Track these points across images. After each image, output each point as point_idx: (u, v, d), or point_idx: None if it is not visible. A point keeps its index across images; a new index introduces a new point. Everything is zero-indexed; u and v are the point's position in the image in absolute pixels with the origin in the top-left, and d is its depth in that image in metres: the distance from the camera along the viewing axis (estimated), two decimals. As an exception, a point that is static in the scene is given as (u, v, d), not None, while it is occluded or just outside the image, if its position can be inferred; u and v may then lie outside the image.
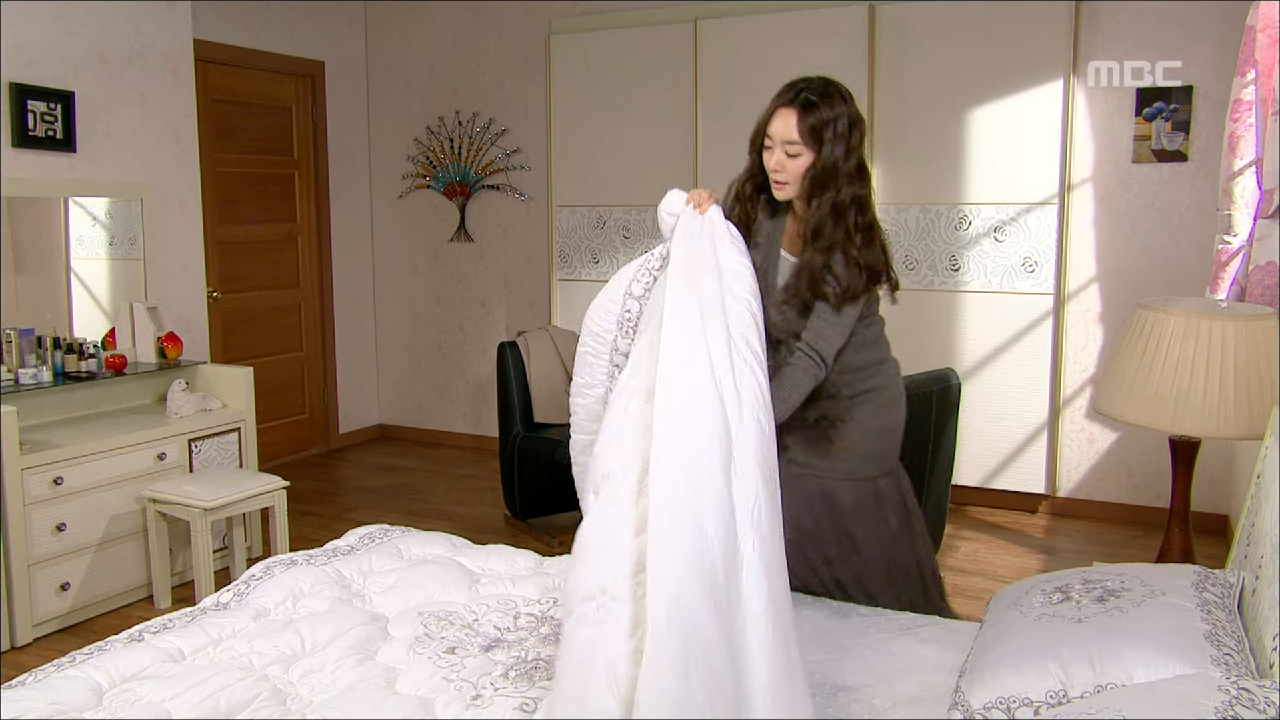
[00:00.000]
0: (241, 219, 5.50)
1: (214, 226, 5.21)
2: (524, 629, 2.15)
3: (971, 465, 4.79)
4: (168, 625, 2.19)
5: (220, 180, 5.32)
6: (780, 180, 2.28)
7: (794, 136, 2.22)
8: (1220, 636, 1.68)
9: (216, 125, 5.29)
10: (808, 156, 2.23)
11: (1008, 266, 4.65)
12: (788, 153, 2.24)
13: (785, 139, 2.24)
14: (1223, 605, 1.83)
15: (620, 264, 5.48)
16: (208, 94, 5.16)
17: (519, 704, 1.82)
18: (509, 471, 4.50)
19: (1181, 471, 2.60)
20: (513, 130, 5.84)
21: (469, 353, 6.17)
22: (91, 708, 1.85)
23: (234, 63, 5.34)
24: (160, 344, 4.20)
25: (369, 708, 1.82)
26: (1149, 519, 4.51)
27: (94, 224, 4.33)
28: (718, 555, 1.57)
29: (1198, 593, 1.84)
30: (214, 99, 5.25)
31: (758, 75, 5.07)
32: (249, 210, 5.56)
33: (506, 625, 2.18)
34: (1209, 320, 2.36)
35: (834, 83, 2.29)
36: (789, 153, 2.24)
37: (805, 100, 2.23)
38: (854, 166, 2.25)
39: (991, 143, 4.63)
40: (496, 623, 2.19)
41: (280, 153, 5.74)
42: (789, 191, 2.30)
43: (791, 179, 2.26)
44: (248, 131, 5.52)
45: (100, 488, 3.64)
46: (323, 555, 2.58)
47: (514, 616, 2.21)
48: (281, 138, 5.74)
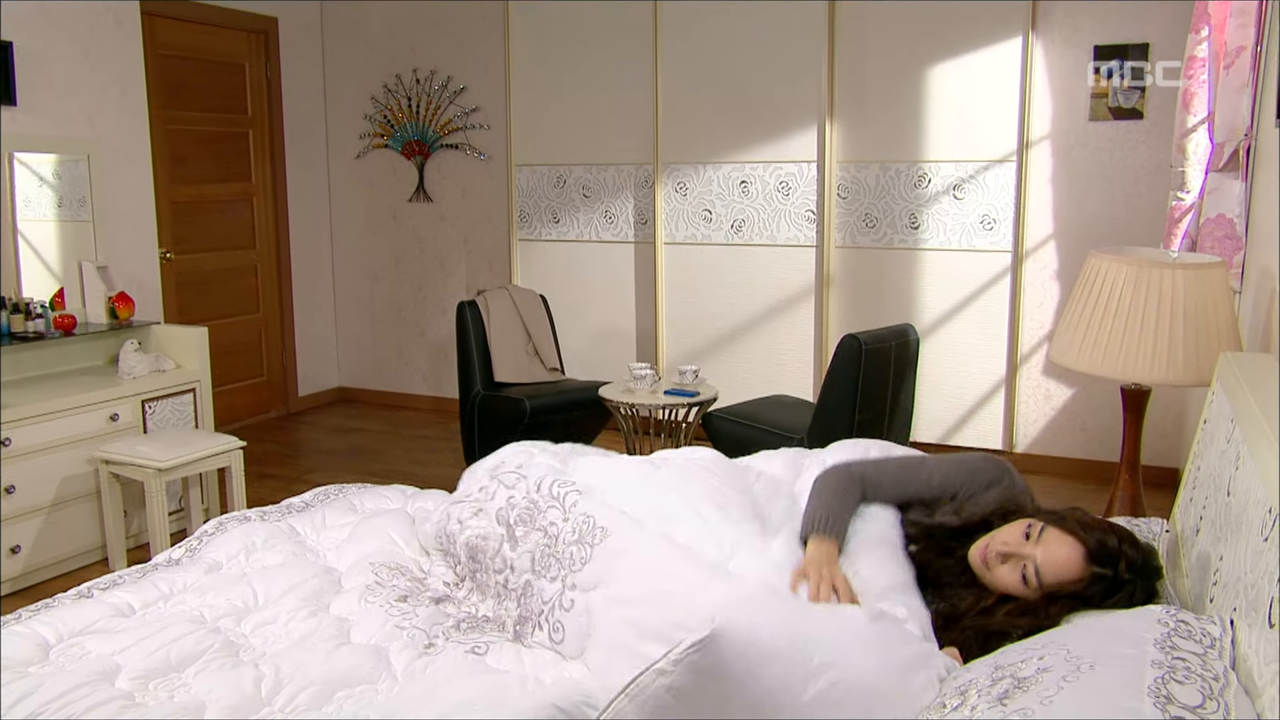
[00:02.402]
0: (195, 178, 5.39)
1: (166, 186, 5.10)
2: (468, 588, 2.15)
3: (930, 421, 4.84)
4: (118, 581, 2.16)
5: (172, 138, 5.20)
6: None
7: None
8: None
9: (167, 82, 5.16)
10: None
11: (966, 224, 4.67)
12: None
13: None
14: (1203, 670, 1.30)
15: (580, 223, 5.46)
16: (156, 50, 5.02)
17: (470, 648, 1.84)
18: (469, 430, 4.48)
19: (1131, 420, 2.64)
20: (471, 88, 5.76)
21: (429, 314, 6.11)
22: (38, 662, 1.82)
23: (183, 17, 5.20)
24: (111, 304, 4.12)
25: (321, 656, 1.81)
26: (1102, 473, 4.59)
27: (41, 184, 4.22)
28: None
29: (1161, 651, 1.32)
30: (163, 54, 5.11)
31: (719, 28, 5.04)
32: (202, 169, 5.44)
33: (452, 580, 2.17)
34: (1159, 269, 2.38)
35: None
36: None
37: None
38: None
39: (951, 100, 4.63)
40: (444, 578, 2.19)
41: (233, 110, 5.62)
42: None
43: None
44: (199, 89, 5.39)
45: (50, 449, 3.58)
46: (277, 512, 2.55)
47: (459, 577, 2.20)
48: (234, 95, 5.62)
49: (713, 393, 4.24)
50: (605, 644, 1.76)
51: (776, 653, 1.44)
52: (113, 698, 1.68)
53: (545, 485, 2.09)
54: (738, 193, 5.10)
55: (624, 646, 1.71)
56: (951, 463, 2.03)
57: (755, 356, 5.17)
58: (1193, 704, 1.19)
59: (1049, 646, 1.43)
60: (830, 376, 3.65)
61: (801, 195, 4.96)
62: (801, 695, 1.43)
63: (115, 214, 4.39)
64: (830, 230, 4.92)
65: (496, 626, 1.96)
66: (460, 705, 1.62)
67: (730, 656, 1.41)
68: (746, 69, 4.98)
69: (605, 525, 1.91)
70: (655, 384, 4.28)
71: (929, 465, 2.03)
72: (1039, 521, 1.75)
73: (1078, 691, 1.24)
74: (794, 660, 1.45)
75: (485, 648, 1.84)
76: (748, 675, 1.41)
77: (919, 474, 2.01)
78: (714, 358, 5.25)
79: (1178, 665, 1.27)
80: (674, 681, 1.41)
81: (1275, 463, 1.39)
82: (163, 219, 4.95)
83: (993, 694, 1.33)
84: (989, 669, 1.44)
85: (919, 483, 2.00)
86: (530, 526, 2.03)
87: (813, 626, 1.52)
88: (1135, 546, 1.71)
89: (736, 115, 5.04)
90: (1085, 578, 1.67)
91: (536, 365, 4.71)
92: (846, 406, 3.61)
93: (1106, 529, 1.73)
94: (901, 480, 2.01)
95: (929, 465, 2.03)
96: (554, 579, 1.91)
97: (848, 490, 1.94)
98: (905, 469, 2.03)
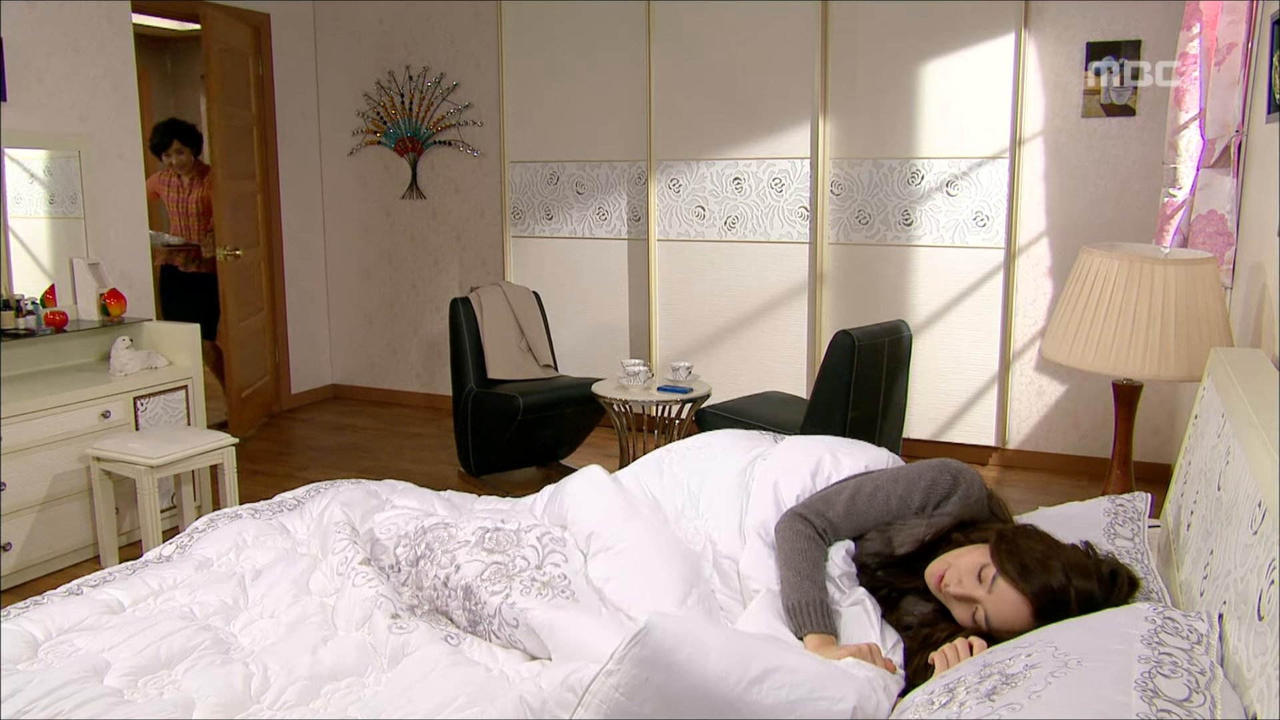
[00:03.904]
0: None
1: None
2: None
3: (923, 418, 4.84)
4: (107, 578, 2.16)
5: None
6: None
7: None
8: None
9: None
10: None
11: (959, 221, 4.68)
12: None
13: None
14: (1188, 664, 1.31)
15: (574, 220, 5.45)
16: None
17: (444, 637, 1.88)
18: (462, 428, 4.48)
19: (1123, 415, 2.65)
20: (464, 85, 5.75)
21: (422, 311, 6.11)
22: (27, 659, 1.82)
23: (175, 13, 5.18)
24: (103, 301, 4.11)
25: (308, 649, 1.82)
26: (1095, 469, 4.60)
27: (31, 181, 4.20)
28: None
29: (1149, 647, 1.33)
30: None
31: (712, 25, 5.03)
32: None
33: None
34: (1151, 265, 2.39)
35: None
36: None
37: None
38: None
39: (944, 97, 4.63)
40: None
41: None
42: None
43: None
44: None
45: (41, 446, 3.57)
46: (268, 509, 2.54)
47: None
48: (226, 91, 5.60)
49: (706, 389, 4.24)
50: (563, 652, 1.82)
51: (715, 645, 1.47)
52: (101, 695, 1.67)
53: (534, 533, 2.15)
54: (731, 189, 5.09)
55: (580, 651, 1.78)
56: (906, 483, 1.98)
57: (748, 353, 5.17)
58: (1179, 697, 1.19)
59: (1037, 644, 1.43)
60: (823, 373, 3.66)
61: (794, 192, 4.96)
62: (746, 675, 1.45)
63: (107, 209, 4.37)
64: (823, 227, 4.92)
65: (448, 618, 2.01)
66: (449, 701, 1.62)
67: (669, 644, 1.43)
68: (739, 66, 4.98)
69: (575, 591, 1.97)
70: (648, 381, 4.27)
71: (883, 492, 1.98)
72: (992, 567, 1.72)
73: (1065, 687, 1.24)
74: (733, 655, 1.47)
75: (458, 639, 1.88)
76: (689, 662, 1.43)
77: (874, 505, 1.98)
78: (707, 354, 5.25)
79: (1164, 660, 1.27)
80: (620, 680, 1.43)
81: (1265, 457, 1.40)
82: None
83: (981, 690, 1.33)
84: (977, 666, 1.44)
85: (877, 513, 1.97)
86: (500, 552, 2.07)
87: (750, 638, 1.58)
88: (1088, 577, 1.66)
89: (730, 112, 5.03)
90: (1033, 626, 1.64)
91: (530, 362, 4.71)
92: (839, 403, 3.61)
93: (1053, 569, 1.67)
94: (862, 516, 1.98)
95: (883, 492, 1.98)
96: (496, 593, 1.94)
97: (816, 563, 1.90)
98: (864, 502, 1.99)
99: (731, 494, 2.16)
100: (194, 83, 8.25)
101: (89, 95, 4.30)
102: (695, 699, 1.43)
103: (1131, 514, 2.10)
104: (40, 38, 4.08)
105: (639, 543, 2.06)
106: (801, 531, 1.94)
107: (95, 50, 4.30)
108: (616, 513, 2.15)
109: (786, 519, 1.99)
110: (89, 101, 4.30)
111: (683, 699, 1.43)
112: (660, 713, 1.43)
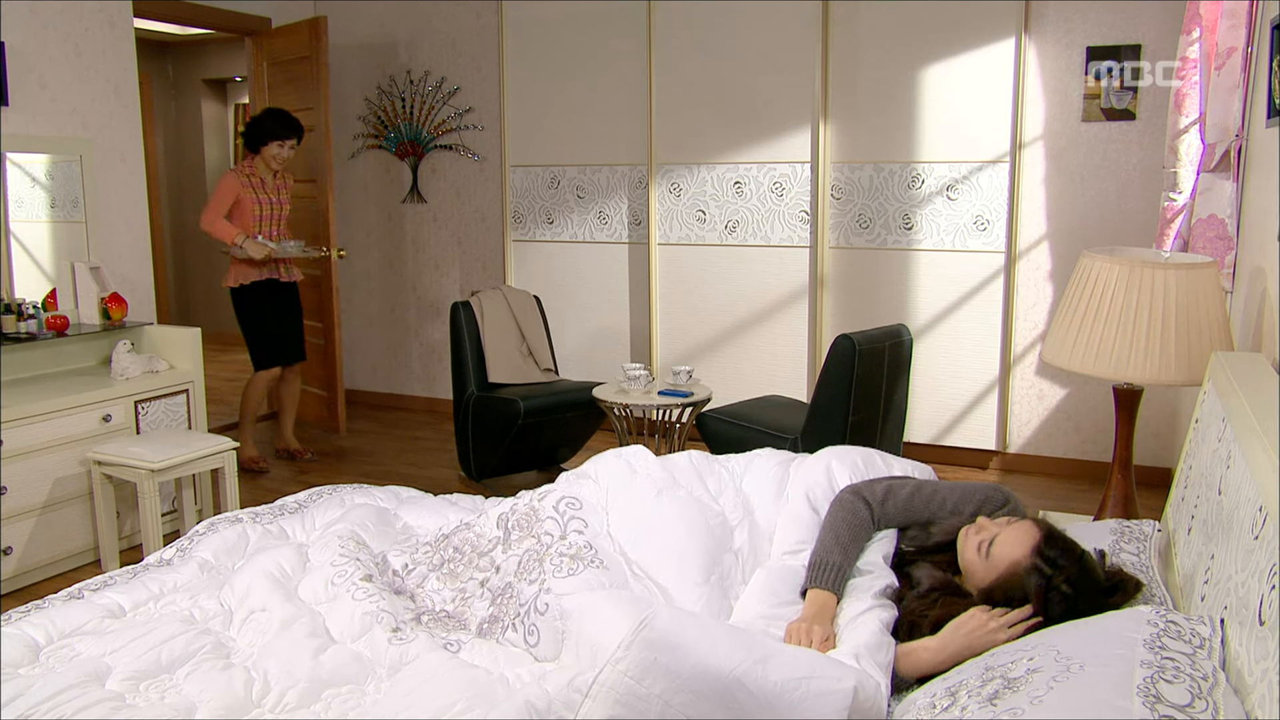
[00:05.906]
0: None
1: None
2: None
3: (923, 422, 4.84)
4: (108, 582, 2.16)
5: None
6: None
7: None
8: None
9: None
10: None
11: (960, 225, 4.68)
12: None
13: None
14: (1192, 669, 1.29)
15: (574, 224, 5.46)
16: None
17: (443, 644, 1.87)
18: (463, 432, 4.48)
19: (1124, 419, 2.64)
20: (465, 89, 5.75)
21: (423, 315, 6.11)
22: (28, 664, 1.82)
23: (176, 17, 5.19)
24: (104, 305, 4.11)
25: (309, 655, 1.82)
26: (1095, 473, 4.60)
27: (33, 185, 4.21)
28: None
29: (1151, 651, 1.32)
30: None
31: (713, 29, 5.04)
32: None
33: (402, 566, 2.25)
34: (1151, 270, 2.39)
35: None
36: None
37: None
38: None
39: (944, 101, 4.64)
40: (399, 561, 2.26)
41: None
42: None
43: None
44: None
45: (42, 450, 3.57)
46: (269, 513, 2.54)
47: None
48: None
49: (706, 393, 4.24)
50: (577, 649, 1.80)
51: (720, 629, 1.55)
52: (103, 699, 1.67)
53: (550, 500, 2.17)
54: (731, 193, 5.10)
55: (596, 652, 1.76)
56: (963, 492, 2.11)
57: (749, 357, 5.17)
58: (1181, 703, 1.19)
59: (1039, 647, 1.43)
60: (824, 377, 3.66)
61: (795, 196, 4.96)
62: (751, 655, 1.50)
63: (108, 213, 4.37)
64: (824, 231, 4.93)
65: (458, 623, 1.99)
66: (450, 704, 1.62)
67: (676, 626, 1.49)
68: (740, 70, 4.99)
69: (602, 559, 2.00)
70: (649, 385, 4.27)
71: (940, 496, 2.10)
72: (1017, 515, 1.89)
73: (1067, 691, 1.24)
74: (737, 637, 1.54)
75: (458, 645, 1.88)
76: (697, 642, 1.48)
77: (930, 505, 2.09)
78: (708, 358, 5.26)
79: (1167, 665, 1.27)
80: (629, 664, 1.46)
81: (1266, 462, 1.40)
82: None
83: (983, 694, 1.33)
84: (979, 670, 1.44)
85: (930, 513, 2.09)
86: (526, 533, 2.07)
87: (746, 630, 1.65)
88: (1086, 571, 1.77)
89: (730, 116, 5.04)
90: (1023, 568, 1.77)
91: (530, 366, 4.71)
92: (840, 407, 3.61)
93: (1073, 549, 1.80)
94: (916, 513, 2.10)
95: (940, 496, 2.10)
96: (533, 582, 1.95)
97: (857, 539, 2.01)
98: (921, 502, 2.10)
99: (773, 479, 2.27)
100: (196, 87, 8.27)
101: (91, 99, 4.30)
102: (705, 677, 1.45)
103: (1138, 535, 2.13)
104: (42, 42, 4.09)
105: (666, 516, 2.12)
106: (859, 510, 2.06)
107: (97, 54, 4.30)
108: (648, 486, 2.20)
109: (849, 493, 2.10)
110: (91, 106, 4.30)
111: (692, 677, 1.45)
112: (669, 693, 1.45)
